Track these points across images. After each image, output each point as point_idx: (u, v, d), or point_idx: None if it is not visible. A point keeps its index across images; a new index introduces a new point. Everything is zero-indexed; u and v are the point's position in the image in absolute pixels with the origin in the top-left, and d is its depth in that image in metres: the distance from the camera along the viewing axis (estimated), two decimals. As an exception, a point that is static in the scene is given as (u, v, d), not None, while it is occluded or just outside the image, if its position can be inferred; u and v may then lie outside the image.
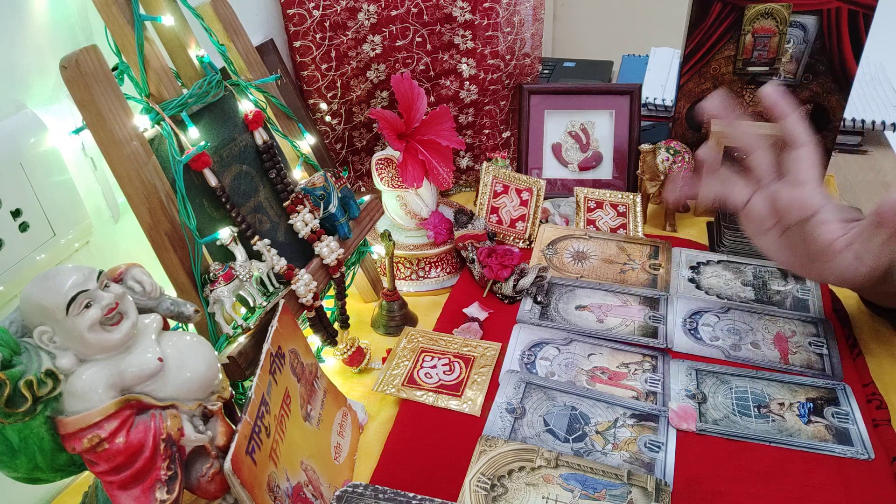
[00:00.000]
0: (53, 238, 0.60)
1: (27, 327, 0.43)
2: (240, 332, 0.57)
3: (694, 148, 1.01)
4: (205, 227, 0.59)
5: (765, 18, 0.91)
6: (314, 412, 0.61)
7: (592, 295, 0.83)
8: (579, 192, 0.98)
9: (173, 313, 0.50)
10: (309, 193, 0.68)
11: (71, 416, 0.42)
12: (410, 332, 0.78)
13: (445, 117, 0.88)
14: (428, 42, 0.98)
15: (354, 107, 1.01)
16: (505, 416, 0.66)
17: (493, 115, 1.08)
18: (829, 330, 0.75)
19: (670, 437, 0.63)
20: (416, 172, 0.84)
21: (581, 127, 1.06)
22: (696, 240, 0.94)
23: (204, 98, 0.62)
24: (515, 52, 1.05)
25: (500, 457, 0.60)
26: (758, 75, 0.95)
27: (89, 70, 0.51)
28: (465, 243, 0.87)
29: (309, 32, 0.91)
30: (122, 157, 0.53)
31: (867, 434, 0.62)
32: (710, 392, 0.68)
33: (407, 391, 0.69)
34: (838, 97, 0.94)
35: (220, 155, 0.63)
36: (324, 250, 0.68)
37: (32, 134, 0.57)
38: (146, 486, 0.43)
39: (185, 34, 0.63)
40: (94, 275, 0.44)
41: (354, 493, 0.56)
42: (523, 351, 0.74)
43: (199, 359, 0.48)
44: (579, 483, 0.57)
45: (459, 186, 1.13)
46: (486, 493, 0.57)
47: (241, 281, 0.58)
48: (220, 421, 0.48)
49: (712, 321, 0.77)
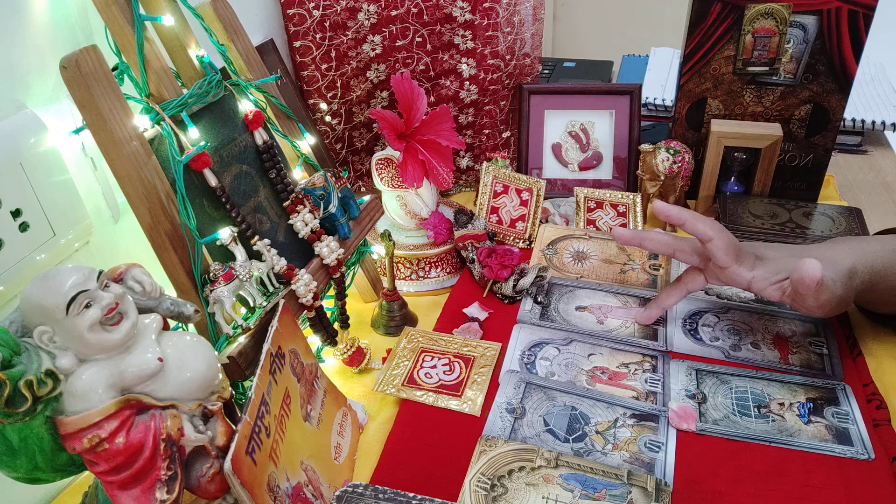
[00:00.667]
0: (53, 238, 0.60)
1: (27, 327, 0.43)
2: (240, 332, 0.57)
3: (694, 148, 1.01)
4: (205, 227, 0.59)
5: (765, 18, 0.91)
6: (314, 412, 0.61)
7: (592, 296, 0.83)
8: (579, 192, 0.98)
9: (173, 313, 0.50)
10: (309, 193, 0.68)
11: (71, 416, 0.42)
12: (410, 332, 0.78)
13: (445, 117, 0.88)
14: (428, 42, 0.98)
15: (354, 107, 1.01)
16: (505, 416, 0.66)
17: (493, 115, 1.08)
18: (829, 330, 0.75)
19: (670, 437, 0.63)
20: (416, 172, 0.84)
21: (581, 127, 1.06)
22: (696, 240, 0.94)
23: (204, 98, 0.62)
24: (515, 52, 1.05)
25: (500, 457, 0.60)
26: (758, 75, 0.95)
27: (89, 70, 0.51)
28: (465, 243, 0.87)
29: (309, 32, 0.91)
30: (122, 157, 0.53)
31: (867, 434, 0.62)
32: (710, 392, 0.68)
33: (407, 391, 0.69)
34: (838, 97, 0.94)
35: (220, 155, 0.63)
36: (324, 250, 0.68)
37: (32, 134, 0.57)
38: (146, 486, 0.43)
39: (185, 34, 0.63)
40: (94, 275, 0.44)
41: (354, 493, 0.56)
42: (523, 351, 0.74)
43: (199, 359, 0.48)
44: (579, 483, 0.57)
45: (459, 186, 1.13)
46: (486, 493, 0.57)
47: (241, 281, 0.58)
48: (220, 421, 0.48)
49: (712, 321, 0.77)
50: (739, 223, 0.91)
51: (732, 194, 0.99)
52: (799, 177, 1.01)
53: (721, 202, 0.96)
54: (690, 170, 0.97)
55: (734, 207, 0.95)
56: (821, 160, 0.99)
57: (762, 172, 0.96)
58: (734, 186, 1.01)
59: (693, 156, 0.98)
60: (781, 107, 0.97)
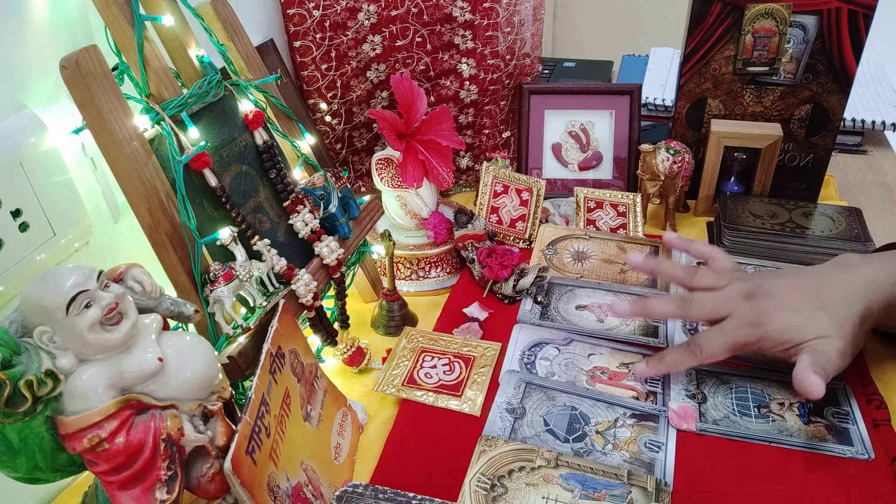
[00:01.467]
0: (53, 238, 0.60)
1: (27, 327, 0.43)
2: (240, 332, 0.57)
3: (694, 148, 1.01)
4: (205, 227, 0.59)
5: (765, 18, 0.91)
6: (314, 412, 0.61)
7: (592, 295, 0.83)
8: (579, 192, 0.98)
9: (173, 313, 0.50)
10: (309, 193, 0.68)
11: (71, 416, 0.42)
12: (410, 332, 0.78)
13: (445, 117, 0.88)
14: (428, 42, 0.98)
15: (354, 107, 1.01)
16: (505, 415, 0.66)
17: (493, 115, 1.08)
18: (829, 330, 0.75)
19: (670, 438, 0.63)
20: (416, 172, 0.84)
21: (581, 127, 1.06)
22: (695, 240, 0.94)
23: (204, 98, 0.62)
24: (515, 52, 1.05)
25: (500, 457, 0.60)
26: (758, 75, 0.95)
27: (89, 70, 0.51)
28: (465, 243, 0.87)
29: (309, 32, 0.91)
30: (122, 157, 0.53)
31: (867, 434, 0.62)
32: (710, 392, 0.68)
33: (407, 391, 0.69)
34: (838, 97, 0.94)
35: (220, 155, 0.63)
36: (324, 250, 0.68)
37: (32, 134, 0.57)
38: (146, 486, 0.43)
39: (185, 34, 0.63)
40: (94, 275, 0.44)
41: (354, 493, 0.56)
42: (523, 351, 0.74)
43: (199, 359, 0.48)
44: (579, 483, 0.57)
45: (459, 186, 1.13)
46: (486, 492, 0.57)
47: (241, 281, 0.58)
48: (220, 421, 0.48)
49: (712, 321, 0.77)
50: (739, 223, 0.91)
51: (732, 194, 0.99)
52: (799, 177, 1.01)
53: (721, 202, 0.96)
54: (690, 170, 0.97)
55: (734, 207, 0.95)
56: (821, 160, 0.99)
57: (762, 172, 0.96)
58: (734, 186, 1.01)
59: (693, 156, 0.98)
60: (781, 107, 0.97)
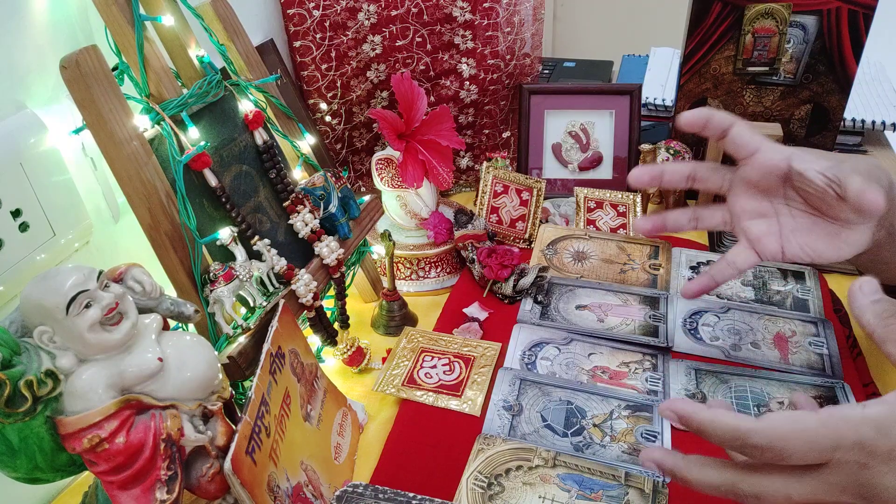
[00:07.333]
0: (53, 238, 0.60)
1: (27, 327, 0.43)
2: (240, 332, 0.57)
3: (694, 148, 1.01)
4: (205, 227, 0.59)
5: (765, 18, 0.91)
6: (314, 412, 0.61)
7: (592, 294, 0.83)
8: (579, 192, 0.98)
9: (173, 313, 0.50)
10: (309, 193, 0.69)
11: (71, 416, 0.42)
12: (410, 332, 0.78)
13: (445, 117, 0.88)
14: (428, 42, 0.98)
15: (354, 107, 1.01)
16: (503, 413, 0.66)
17: (493, 115, 1.08)
18: (829, 330, 0.75)
19: (665, 427, 0.63)
20: (416, 172, 0.84)
21: (581, 127, 1.06)
22: (696, 240, 0.94)
23: (204, 98, 0.62)
24: (515, 52, 1.05)
25: (498, 455, 0.60)
26: (758, 75, 0.95)
27: (89, 70, 0.51)
28: (465, 243, 0.87)
29: (309, 32, 0.91)
30: (122, 157, 0.53)
31: (867, 434, 0.62)
32: (710, 391, 0.68)
33: (407, 391, 0.69)
34: (838, 97, 0.94)
35: (220, 155, 0.63)
36: (324, 250, 0.68)
37: (32, 134, 0.57)
38: (146, 486, 0.44)
39: (185, 34, 0.63)
40: (94, 275, 0.44)
41: (354, 493, 0.56)
42: (523, 351, 0.74)
43: (199, 359, 0.48)
44: (576, 483, 0.57)
45: (459, 186, 1.13)
46: (482, 491, 0.57)
47: (241, 281, 0.58)
48: (220, 421, 0.48)
49: (712, 321, 0.77)
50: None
51: (732, 194, 0.99)
52: (799, 177, 1.01)
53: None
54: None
55: (734, 207, 0.95)
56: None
57: (762, 172, 0.96)
58: (734, 186, 1.01)
59: (693, 156, 0.98)
60: (781, 107, 0.97)
